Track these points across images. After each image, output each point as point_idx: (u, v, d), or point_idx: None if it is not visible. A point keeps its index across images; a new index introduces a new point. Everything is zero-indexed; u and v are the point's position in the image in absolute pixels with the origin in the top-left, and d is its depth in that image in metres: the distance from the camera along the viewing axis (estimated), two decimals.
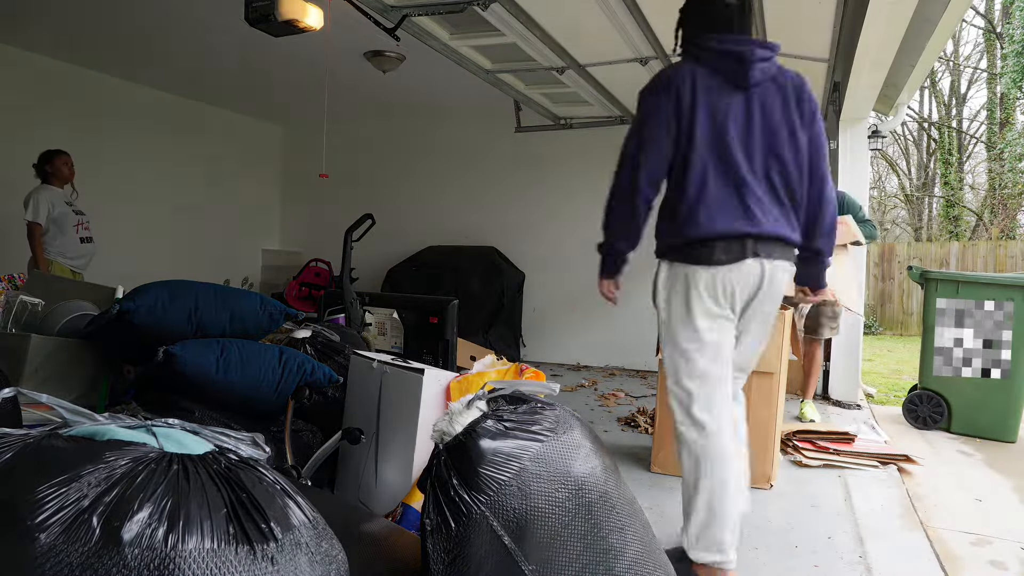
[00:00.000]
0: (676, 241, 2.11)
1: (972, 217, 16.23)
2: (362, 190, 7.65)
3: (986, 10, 16.21)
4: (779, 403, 3.30)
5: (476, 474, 1.39)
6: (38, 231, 4.59)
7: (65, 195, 4.80)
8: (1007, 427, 4.29)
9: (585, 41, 4.02)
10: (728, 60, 2.08)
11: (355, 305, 3.72)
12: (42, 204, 4.61)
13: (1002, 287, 4.31)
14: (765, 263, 2.06)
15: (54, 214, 4.65)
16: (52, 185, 4.74)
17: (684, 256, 2.10)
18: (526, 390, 1.67)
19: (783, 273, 2.13)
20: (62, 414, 1.15)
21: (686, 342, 2.13)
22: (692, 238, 2.05)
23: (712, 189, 2.04)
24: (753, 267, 2.05)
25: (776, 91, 2.12)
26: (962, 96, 17.46)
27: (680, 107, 2.06)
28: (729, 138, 2.04)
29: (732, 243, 2.03)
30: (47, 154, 4.79)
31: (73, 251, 4.76)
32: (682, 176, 2.08)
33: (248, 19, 3.10)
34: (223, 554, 1.02)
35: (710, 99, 2.05)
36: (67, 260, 4.74)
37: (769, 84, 2.11)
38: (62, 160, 4.78)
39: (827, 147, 2.21)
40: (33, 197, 4.63)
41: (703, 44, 2.12)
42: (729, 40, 2.10)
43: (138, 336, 2.40)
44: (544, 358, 6.87)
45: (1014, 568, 2.50)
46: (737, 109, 2.06)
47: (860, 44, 3.52)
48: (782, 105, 2.11)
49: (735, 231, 2.02)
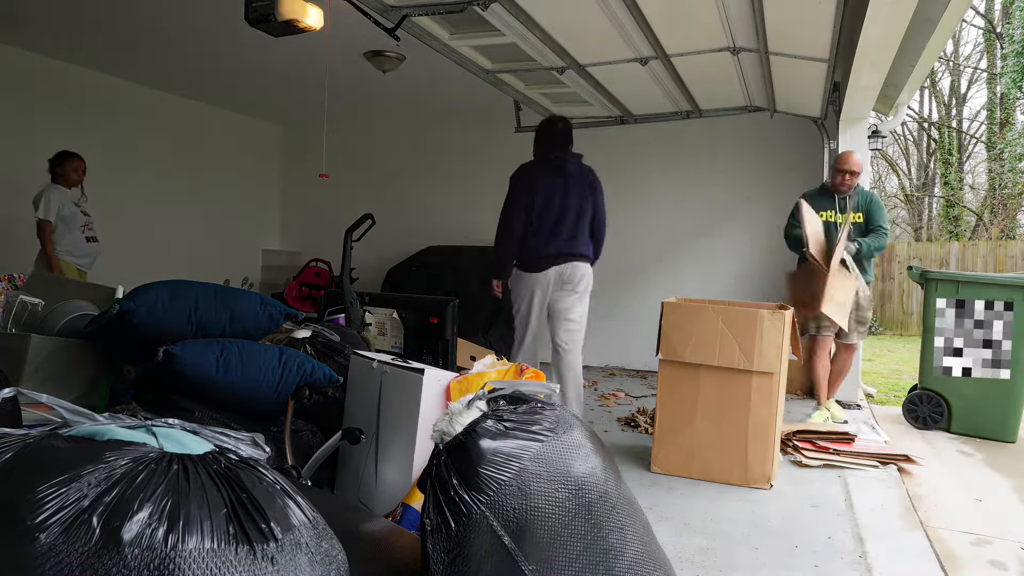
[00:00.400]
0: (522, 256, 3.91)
1: (972, 217, 16.23)
2: (362, 190, 7.65)
3: (986, 10, 16.22)
4: (779, 403, 3.30)
5: (476, 474, 1.39)
6: (48, 228, 4.65)
7: (74, 196, 4.86)
8: (1007, 427, 4.29)
9: (585, 41, 4.02)
10: (557, 162, 3.87)
11: (355, 305, 3.72)
12: (52, 202, 4.67)
13: (1002, 287, 4.31)
14: (566, 267, 3.86)
15: (63, 213, 4.71)
16: (60, 185, 4.80)
17: (527, 267, 3.91)
18: (526, 390, 1.67)
19: (579, 271, 3.90)
20: (62, 414, 1.15)
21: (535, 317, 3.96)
22: (537, 256, 3.85)
23: (546, 229, 3.82)
24: (556, 271, 3.86)
25: (578, 178, 3.87)
26: (962, 96, 17.47)
27: (532, 188, 3.81)
28: (555, 204, 3.80)
29: (549, 258, 3.85)
30: (60, 156, 4.84)
31: (80, 250, 4.82)
32: (533, 223, 3.82)
33: (248, 19, 3.10)
34: (223, 554, 1.02)
35: (546, 183, 3.81)
36: (74, 258, 4.80)
37: (575, 174, 3.87)
38: (72, 165, 4.84)
39: (604, 207, 4.02)
40: (44, 195, 4.68)
41: (547, 154, 3.91)
42: (557, 150, 3.90)
43: (138, 336, 2.40)
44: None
45: (1014, 568, 2.50)
46: (560, 188, 3.81)
47: (860, 44, 3.52)
48: (581, 186, 3.87)
49: (556, 251, 3.84)
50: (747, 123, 5.98)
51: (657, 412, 3.44)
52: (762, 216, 6.08)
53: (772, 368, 3.19)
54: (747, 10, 3.42)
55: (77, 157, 4.86)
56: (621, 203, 6.72)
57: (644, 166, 6.63)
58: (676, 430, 3.37)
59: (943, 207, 16.76)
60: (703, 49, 4.06)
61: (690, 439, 3.33)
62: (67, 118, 5.79)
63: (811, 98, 4.98)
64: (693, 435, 3.33)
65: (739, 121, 5.95)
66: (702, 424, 3.31)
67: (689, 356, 3.31)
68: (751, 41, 3.89)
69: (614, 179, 6.73)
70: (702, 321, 3.29)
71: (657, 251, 6.59)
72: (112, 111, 6.21)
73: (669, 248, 6.55)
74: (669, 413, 3.39)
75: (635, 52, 4.11)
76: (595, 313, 6.79)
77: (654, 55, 4.14)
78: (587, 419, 4.29)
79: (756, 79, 4.69)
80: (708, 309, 3.32)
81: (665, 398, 3.40)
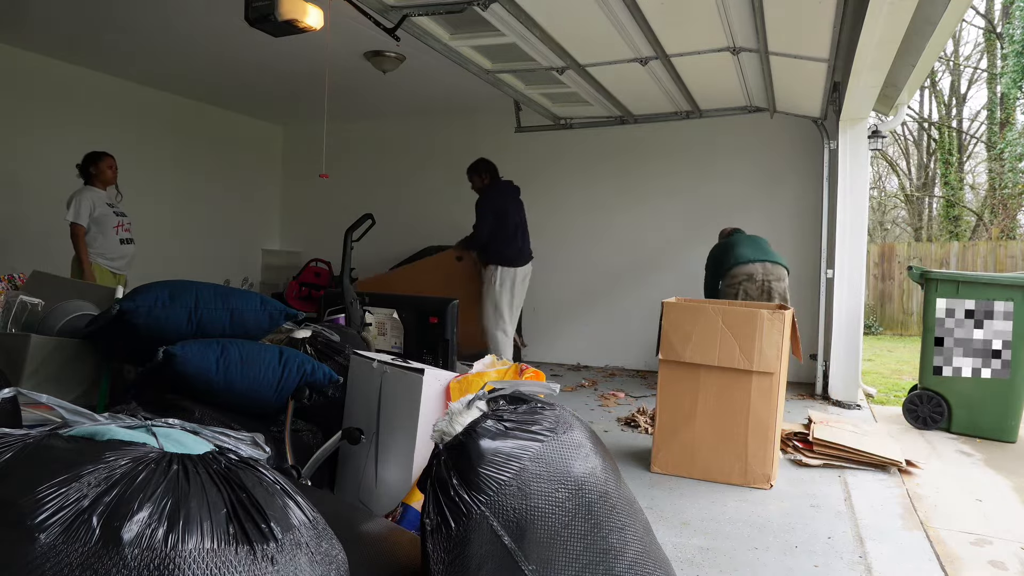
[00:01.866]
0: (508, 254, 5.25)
1: (972, 217, 16.22)
2: (362, 190, 7.65)
3: (986, 10, 16.21)
4: (779, 403, 3.30)
5: (476, 474, 1.39)
6: (81, 232, 4.64)
7: (108, 196, 4.85)
8: (1007, 427, 4.29)
9: (585, 41, 4.01)
10: (511, 187, 5.40)
11: (355, 305, 3.72)
12: (84, 205, 4.65)
13: (1002, 287, 4.31)
14: (530, 265, 5.39)
15: (95, 215, 4.69)
16: (95, 187, 4.79)
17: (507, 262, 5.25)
18: (526, 390, 1.67)
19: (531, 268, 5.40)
20: (62, 414, 1.15)
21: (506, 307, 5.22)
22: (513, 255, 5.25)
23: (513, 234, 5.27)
24: (528, 267, 5.36)
25: (518, 195, 5.43)
26: (962, 96, 17.45)
27: (505, 202, 5.29)
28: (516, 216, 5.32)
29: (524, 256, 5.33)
30: (92, 156, 4.82)
31: (113, 252, 4.81)
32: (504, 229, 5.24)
33: (248, 19, 3.10)
34: (223, 554, 1.02)
35: (509, 201, 5.31)
36: (107, 261, 4.78)
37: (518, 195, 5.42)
38: (107, 163, 4.82)
39: None
40: (76, 198, 4.67)
41: (500, 181, 5.40)
42: (506, 180, 5.44)
43: (138, 336, 2.39)
44: (544, 358, 6.87)
45: (1014, 568, 2.50)
46: (516, 204, 5.34)
47: (860, 44, 3.52)
48: (520, 202, 5.40)
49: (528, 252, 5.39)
50: (747, 123, 5.98)
51: (657, 412, 3.44)
52: (762, 216, 6.08)
53: (772, 368, 3.19)
54: (747, 10, 3.42)
55: (108, 155, 4.84)
56: (621, 203, 6.74)
57: (644, 166, 6.64)
58: (676, 430, 3.37)
59: (943, 207, 16.75)
60: (703, 49, 4.06)
61: (690, 439, 3.34)
62: (67, 118, 5.79)
63: (811, 98, 4.98)
64: (693, 435, 3.33)
65: (739, 121, 5.95)
66: (702, 424, 3.31)
67: (689, 356, 3.31)
68: (751, 41, 3.89)
69: (614, 179, 6.76)
70: (702, 321, 3.29)
71: (657, 251, 6.59)
72: (112, 111, 6.21)
73: (669, 248, 6.55)
74: (669, 413, 3.39)
75: (635, 52, 4.11)
76: (595, 313, 6.84)
77: (654, 55, 4.13)
78: (587, 419, 4.28)
79: (756, 79, 4.69)
80: (708, 309, 3.32)
81: (665, 398, 3.40)
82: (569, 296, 6.87)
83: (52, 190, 5.22)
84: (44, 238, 5.28)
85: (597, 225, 6.81)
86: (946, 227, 16.15)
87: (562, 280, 6.84)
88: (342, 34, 4.23)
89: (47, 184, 5.42)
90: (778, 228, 6.01)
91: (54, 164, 5.47)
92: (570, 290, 6.86)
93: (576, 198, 6.87)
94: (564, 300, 6.87)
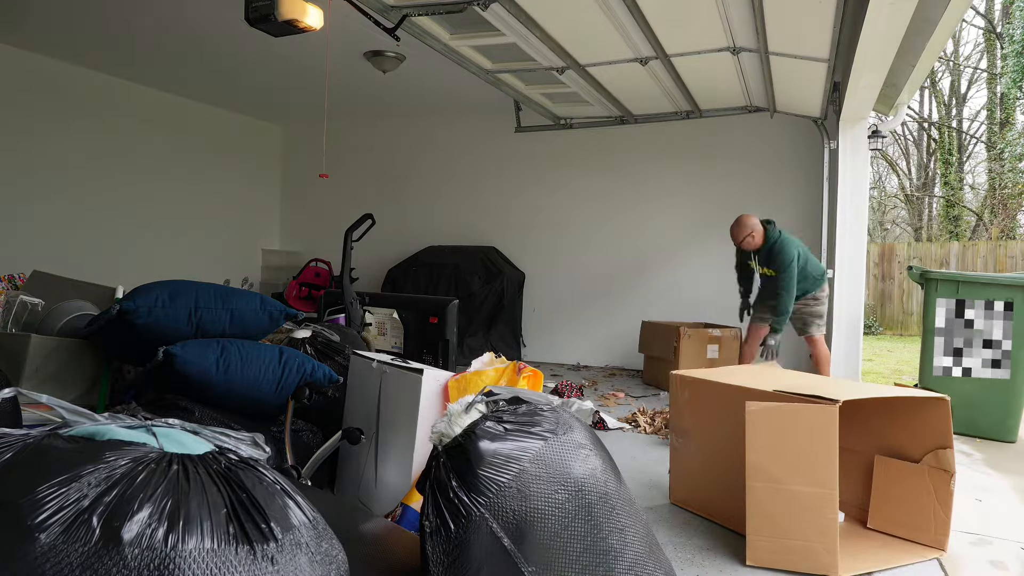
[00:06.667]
0: None
1: (972, 217, 16.21)
2: (362, 190, 7.65)
3: (986, 10, 16.21)
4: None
5: (475, 476, 1.39)
6: None
7: None
8: (1007, 427, 4.28)
9: (585, 41, 4.01)
10: None
11: (355, 305, 3.72)
12: None
13: (1002, 287, 4.31)
14: None
15: None
16: None
17: None
18: (525, 398, 1.67)
19: None
20: (62, 414, 1.15)
21: None
22: None
23: None
24: None
25: None
26: (962, 96, 17.45)
27: None
28: None
29: None
30: None
31: None
32: None
33: (248, 19, 3.10)
34: (223, 554, 1.02)
35: None
36: None
37: None
38: None
39: None
40: None
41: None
42: None
43: (138, 336, 2.39)
44: (544, 358, 6.87)
45: (1014, 568, 2.50)
46: None
47: (860, 44, 3.52)
48: None
49: None
50: (747, 123, 5.98)
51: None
52: (762, 215, 6.06)
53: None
54: (747, 10, 3.42)
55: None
56: (621, 203, 6.74)
57: (644, 166, 6.63)
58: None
59: (943, 207, 16.74)
60: (703, 49, 4.06)
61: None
62: (67, 118, 5.79)
63: (811, 98, 4.98)
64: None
65: (739, 121, 5.95)
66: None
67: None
68: (751, 41, 3.89)
69: (614, 179, 6.76)
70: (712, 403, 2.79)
71: (657, 251, 6.59)
72: (112, 111, 6.21)
73: (670, 247, 6.55)
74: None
75: (635, 52, 4.11)
76: (595, 313, 6.84)
77: (654, 55, 4.13)
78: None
79: (756, 79, 4.69)
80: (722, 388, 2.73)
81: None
82: (569, 296, 6.86)
83: (52, 190, 5.22)
84: (44, 238, 5.28)
85: (597, 225, 6.81)
86: (946, 227, 16.14)
87: (562, 280, 6.84)
88: (342, 34, 4.23)
89: (47, 184, 5.42)
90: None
91: (54, 164, 5.48)
92: (570, 290, 6.86)
93: (576, 198, 6.87)
94: (564, 300, 6.87)
